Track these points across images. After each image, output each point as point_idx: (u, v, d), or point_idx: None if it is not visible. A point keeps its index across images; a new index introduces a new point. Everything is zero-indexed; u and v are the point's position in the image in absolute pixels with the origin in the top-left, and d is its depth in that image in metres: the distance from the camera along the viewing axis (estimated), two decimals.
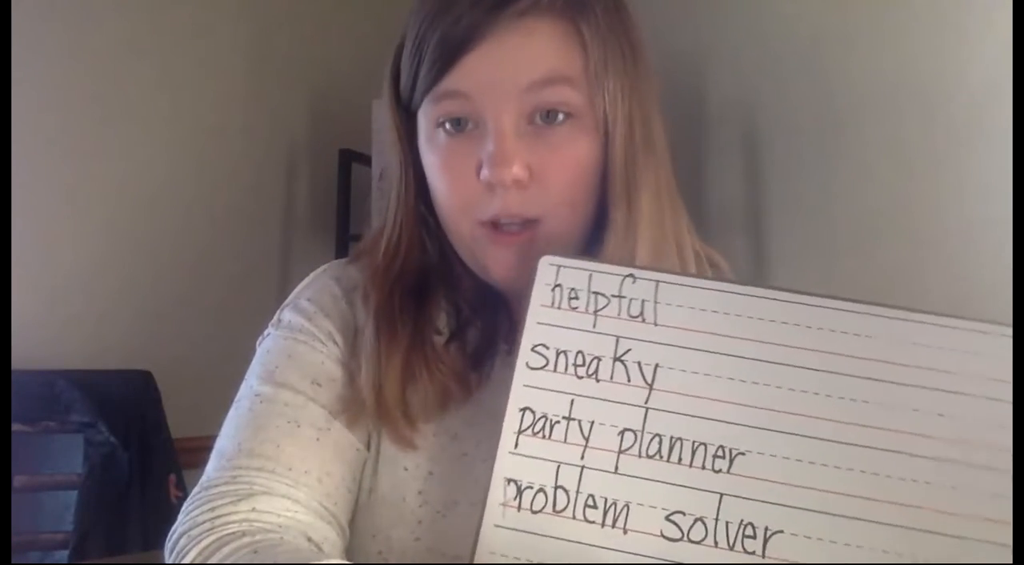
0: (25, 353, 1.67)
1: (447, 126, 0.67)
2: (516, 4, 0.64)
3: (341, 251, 2.20)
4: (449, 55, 0.65)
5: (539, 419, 0.56)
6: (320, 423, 0.66)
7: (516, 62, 0.65)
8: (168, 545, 0.60)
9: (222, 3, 2.19)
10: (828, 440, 0.54)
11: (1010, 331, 0.56)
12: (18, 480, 1.53)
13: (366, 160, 2.20)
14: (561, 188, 0.66)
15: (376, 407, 0.66)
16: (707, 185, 2.12)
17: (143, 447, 1.68)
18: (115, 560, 1.60)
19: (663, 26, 2.22)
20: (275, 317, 0.72)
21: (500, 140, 0.65)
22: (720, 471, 0.54)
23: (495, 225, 0.67)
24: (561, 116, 0.66)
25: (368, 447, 0.68)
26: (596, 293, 0.59)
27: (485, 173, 0.65)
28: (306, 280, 0.75)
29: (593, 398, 0.56)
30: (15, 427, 1.53)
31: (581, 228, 0.69)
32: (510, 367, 0.63)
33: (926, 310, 0.57)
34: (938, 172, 1.69)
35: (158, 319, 1.97)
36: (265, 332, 0.72)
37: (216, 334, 1.95)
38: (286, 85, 2.30)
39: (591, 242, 0.70)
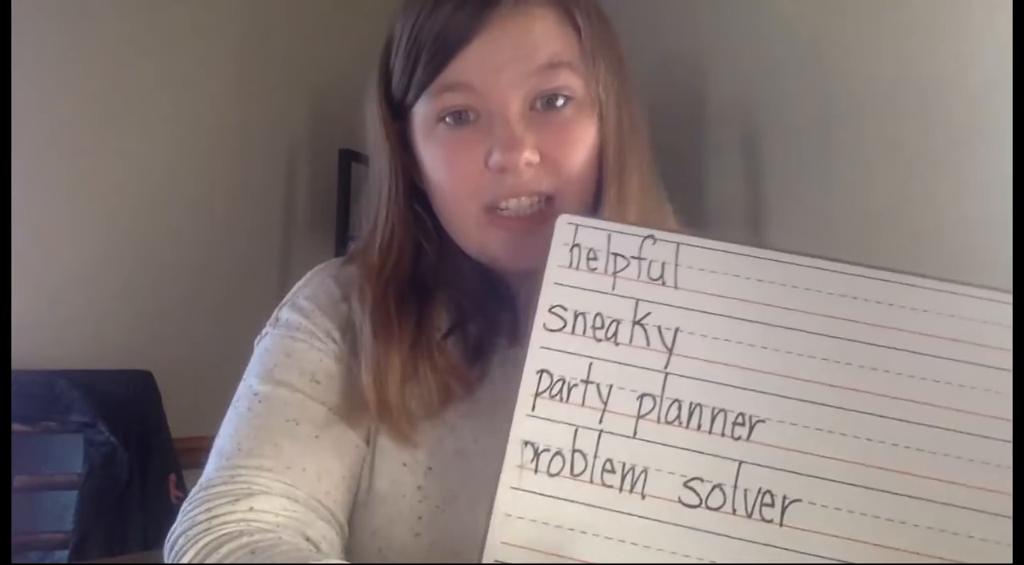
0: (25, 353, 1.67)
1: (448, 120, 0.67)
2: None
3: (341, 251, 2.20)
4: (450, 47, 0.65)
5: (556, 382, 0.55)
6: (319, 420, 0.66)
7: (518, 49, 0.66)
8: (167, 545, 0.60)
9: (222, 3, 2.19)
10: (848, 409, 0.54)
11: (1008, 297, 0.55)
12: (18, 480, 1.53)
13: (366, 160, 2.19)
14: (571, 166, 0.67)
15: (377, 406, 0.66)
16: (707, 185, 2.12)
17: (143, 447, 1.67)
18: (115, 560, 1.60)
19: (663, 26, 2.22)
20: (273, 316, 0.72)
21: (508, 126, 0.65)
22: (739, 438, 0.53)
23: (501, 212, 0.67)
24: (561, 100, 0.67)
25: (368, 443, 0.68)
26: (615, 254, 0.58)
27: (496, 158, 0.65)
28: (303, 279, 0.75)
29: (612, 362, 0.56)
30: (15, 427, 1.53)
31: (586, 208, 0.69)
32: (510, 362, 0.62)
33: (955, 279, 0.56)
34: (938, 172, 1.69)
35: (158, 319, 1.97)
36: (263, 332, 0.72)
37: (216, 334, 1.95)
38: (286, 85, 2.30)
39: None
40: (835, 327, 0.55)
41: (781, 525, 0.52)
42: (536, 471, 0.54)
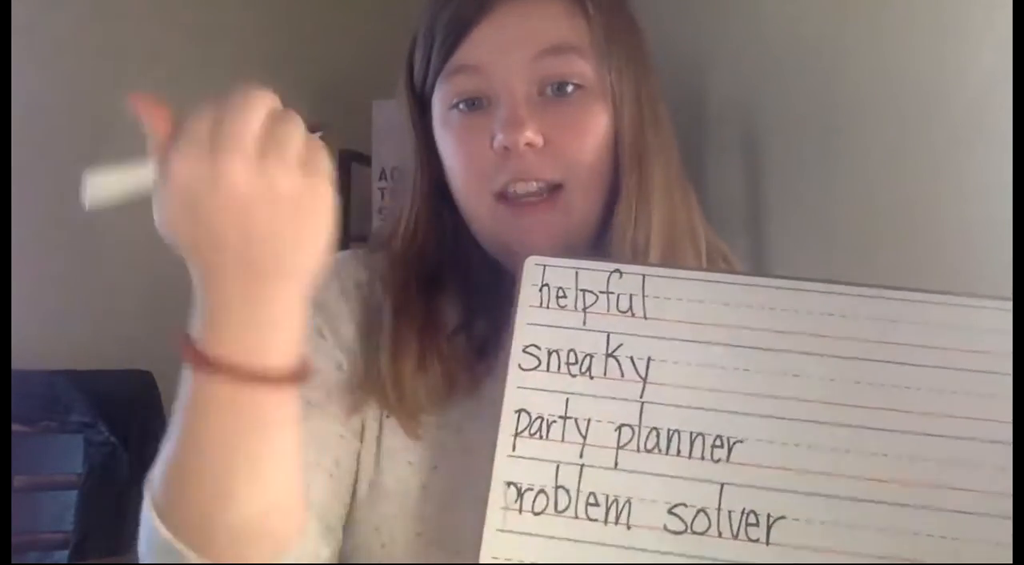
0: (25, 353, 1.67)
1: (460, 106, 0.68)
2: None
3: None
4: (460, 30, 0.67)
5: (535, 420, 0.56)
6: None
7: (524, 32, 0.67)
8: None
9: (222, 3, 2.20)
10: (824, 423, 0.54)
11: (1008, 305, 0.56)
12: (18, 480, 1.53)
13: (366, 160, 2.20)
14: (578, 153, 0.68)
15: (393, 390, 0.66)
16: (707, 185, 2.12)
17: (143, 447, 1.68)
18: (115, 560, 1.60)
19: (663, 27, 2.21)
20: None
21: (512, 107, 0.66)
22: (719, 461, 0.54)
23: (511, 198, 0.67)
24: (571, 87, 0.68)
25: (361, 438, 0.68)
26: (584, 290, 0.60)
27: (499, 138, 0.66)
28: None
29: (588, 395, 0.57)
30: (15, 427, 1.53)
31: (599, 203, 0.69)
32: None
33: (916, 288, 0.57)
34: (938, 172, 1.69)
35: (158, 319, 1.97)
36: None
37: None
38: (286, 85, 2.29)
39: (604, 228, 0.70)
40: (803, 343, 0.57)
41: (768, 544, 0.52)
42: (521, 511, 0.54)
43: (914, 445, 0.53)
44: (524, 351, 0.58)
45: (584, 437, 0.55)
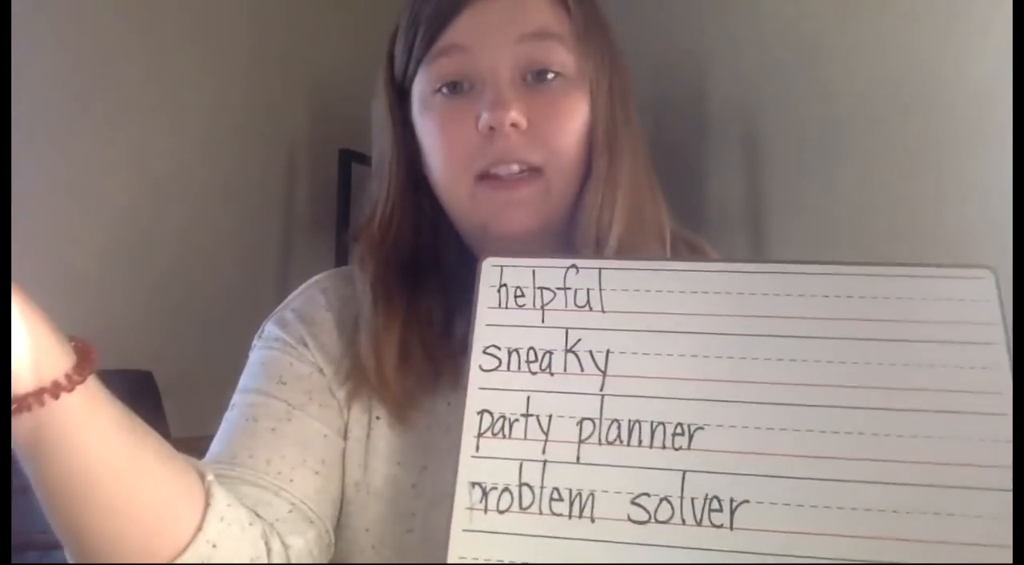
0: None
1: (443, 90, 0.69)
2: None
3: (341, 251, 2.20)
4: (443, 17, 0.68)
5: (498, 420, 0.57)
6: (278, 415, 0.66)
7: (510, 15, 0.68)
8: None
9: (223, 3, 2.20)
10: (784, 404, 0.54)
11: (988, 273, 0.56)
12: (18, 480, 1.53)
13: (366, 160, 2.20)
14: (558, 138, 0.68)
15: (376, 376, 0.67)
16: (708, 185, 2.12)
17: None
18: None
19: (663, 26, 2.22)
20: (260, 327, 0.73)
21: (497, 88, 0.67)
22: (681, 448, 0.54)
23: (494, 177, 0.68)
24: (551, 74, 0.69)
25: (345, 437, 0.68)
26: (542, 288, 0.60)
27: (485, 118, 0.66)
28: (295, 291, 0.76)
29: (549, 392, 0.57)
30: None
31: (574, 188, 0.70)
32: None
33: (876, 262, 0.57)
34: (938, 172, 1.69)
35: (158, 319, 1.97)
36: (252, 343, 0.73)
37: (216, 334, 1.95)
38: (286, 85, 2.30)
39: (575, 212, 0.71)
40: (758, 325, 0.57)
41: (732, 529, 0.52)
42: (486, 511, 0.54)
43: (879, 421, 0.53)
44: (484, 352, 0.58)
45: (546, 434, 0.56)
